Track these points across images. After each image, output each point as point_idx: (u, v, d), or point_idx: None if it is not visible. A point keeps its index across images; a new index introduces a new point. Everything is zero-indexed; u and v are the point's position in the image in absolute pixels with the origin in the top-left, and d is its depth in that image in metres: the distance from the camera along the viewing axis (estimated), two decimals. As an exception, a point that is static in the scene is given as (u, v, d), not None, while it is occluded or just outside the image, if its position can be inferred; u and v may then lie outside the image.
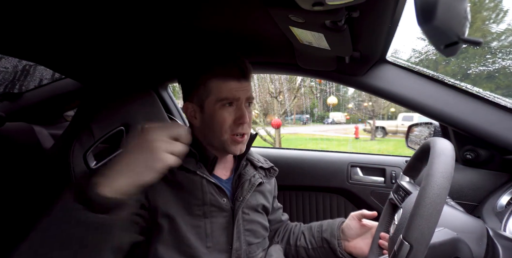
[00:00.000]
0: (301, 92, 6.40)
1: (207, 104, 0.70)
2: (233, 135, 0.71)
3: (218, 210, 0.71)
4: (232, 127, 0.70)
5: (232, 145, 0.72)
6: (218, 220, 0.71)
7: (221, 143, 0.72)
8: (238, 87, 0.69)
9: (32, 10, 0.61)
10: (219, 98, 0.69)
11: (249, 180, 0.79)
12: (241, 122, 0.70)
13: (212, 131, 0.71)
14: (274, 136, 5.96)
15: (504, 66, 6.61)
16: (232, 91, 0.69)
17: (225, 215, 0.72)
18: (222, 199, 0.72)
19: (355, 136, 11.07)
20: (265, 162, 0.87)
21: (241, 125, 0.70)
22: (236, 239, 0.72)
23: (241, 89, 0.70)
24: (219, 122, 0.70)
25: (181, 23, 0.69)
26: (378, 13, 0.53)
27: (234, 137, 0.71)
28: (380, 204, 1.20)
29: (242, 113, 0.70)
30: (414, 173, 0.72)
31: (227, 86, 0.69)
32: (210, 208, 0.70)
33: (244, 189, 0.77)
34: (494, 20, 7.23)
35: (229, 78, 0.69)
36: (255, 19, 0.65)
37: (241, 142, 0.73)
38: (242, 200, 0.75)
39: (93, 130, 0.91)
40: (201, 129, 0.74)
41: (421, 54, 7.18)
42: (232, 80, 0.69)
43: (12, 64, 1.39)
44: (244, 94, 0.71)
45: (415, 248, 0.40)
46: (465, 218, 0.56)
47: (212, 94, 0.69)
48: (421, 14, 0.33)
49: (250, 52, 0.91)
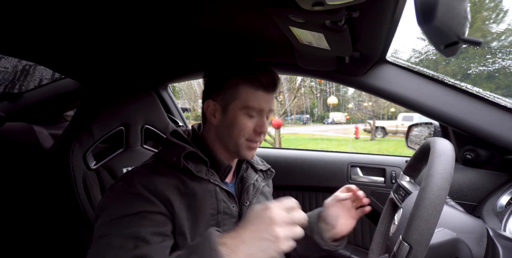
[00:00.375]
0: (301, 92, 6.40)
1: (232, 107, 0.70)
2: (249, 141, 0.71)
3: (229, 217, 0.71)
4: (251, 134, 0.71)
5: (246, 149, 0.72)
6: (228, 228, 0.70)
7: (236, 146, 0.71)
8: (265, 99, 0.70)
9: (32, 10, 0.61)
10: (245, 105, 0.69)
11: (253, 184, 0.79)
12: (260, 131, 0.71)
13: (229, 133, 0.71)
14: (274, 136, 5.96)
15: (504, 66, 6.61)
16: (260, 101, 0.69)
17: (234, 222, 0.72)
18: (232, 206, 0.71)
19: (355, 136, 11.07)
20: (262, 164, 0.87)
21: (259, 134, 0.71)
22: None
23: (267, 100, 0.71)
24: (239, 127, 0.70)
25: (181, 23, 0.69)
26: (378, 13, 0.53)
27: (249, 143, 0.71)
28: (380, 204, 1.19)
29: (263, 124, 0.71)
30: (414, 173, 0.72)
31: (256, 96, 0.69)
32: (223, 216, 0.69)
33: (250, 194, 0.77)
34: (494, 20, 7.23)
35: (260, 88, 0.69)
36: (255, 19, 0.64)
37: (255, 148, 0.74)
38: (249, 205, 0.75)
39: (92, 130, 0.91)
40: (218, 128, 0.73)
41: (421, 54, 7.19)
42: (262, 90, 0.69)
43: (12, 64, 1.39)
44: (268, 106, 0.71)
45: (415, 249, 0.40)
46: (465, 218, 0.56)
47: (239, 99, 0.69)
48: (421, 14, 0.33)
49: (250, 52, 0.91)
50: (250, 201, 0.76)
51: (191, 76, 1.27)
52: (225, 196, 0.70)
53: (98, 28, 0.72)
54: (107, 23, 0.69)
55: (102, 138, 0.94)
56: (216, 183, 0.69)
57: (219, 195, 0.69)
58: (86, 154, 0.90)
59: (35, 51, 0.89)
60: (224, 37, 0.78)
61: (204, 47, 0.87)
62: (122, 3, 0.58)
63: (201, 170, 0.68)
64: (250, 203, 0.75)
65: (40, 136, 1.18)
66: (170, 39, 0.82)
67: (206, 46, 0.86)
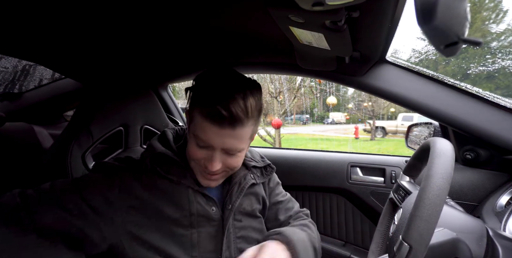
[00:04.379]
0: (301, 92, 6.40)
1: (190, 127, 0.63)
2: (203, 170, 0.64)
3: (206, 220, 0.67)
4: (201, 165, 0.63)
5: (200, 177, 0.65)
6: (207, 230, 0.67)
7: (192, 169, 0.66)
8: (217, 133, 0.57)
9: (32, 10, 0.61)
10: (194, 133, 0.60)
11: (238, 184, 0.72)
12: (207, 166, 0.61)
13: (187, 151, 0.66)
14: (274, 136, 5.96)
15: (504, 66, 6.62)
16: (208, 134, 0.57)
17: (214, 224, 0.68)
18: (211, 209, 0.67)
19: (355, 136, 11.07)
20: (261, 160, 0.81)
21: (206, 169, 0.62)
22: (226, 248, 0.68)
23: (220, 136, 0.57)
24: (189, 153, 0.63)
25: (181, 23, 0.69)
26: (378, 13, 0.53)
27: (204, 172, 0.64)
28: (380, 204, 1.19)
29: (211, 162, 0.60)
30: (414, 173, 0.72)
31: (203, 127, 0.57)
32: (198, 218, 0.65)
33: (233, 195, 0.71)
34: (494, 20, 7.23)
35: (206, 118, 0.56)
36: (255, 19, 0.64)
37: (211, 179, 0.65)
38: (231, 208, 0.70)
39: (91, 130, 0.91)
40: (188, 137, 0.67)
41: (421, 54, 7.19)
42: (212, 123, 0.56)
43: (12, 64, 1.39)
44: (219, 143, 0.58)
45: (415, 249, 0.40)
46: (465, 218, 0.56)
47: (192, 123, 0.61)
48: (421, 14, 0.33)
49: (250, 52, 0.91)
50: (233, 203, 0.70)
51: (191, 76, 1.27)
52: (200, 198, 0.66)
53: (98, 29, 0.72)
54: (107, 23, 0.69)
55: (101, 139, 0.93)
56: (189, 185, 0.66)
57: (192, 197, 0.65)
58: (85, 154, 0.90)
59: (35, 51, 0.89)
60: (224, 37, 0.78)
61: (204, 47, 0.87)
62: (122, 3, 0.58)
63: (171, 172, 0.65)
64: (232, 205, 0.69)
65: (40, 136, 1.18)
66: (170, 39, 0.82)
67: (206, 46, 0.86)
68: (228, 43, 0.83)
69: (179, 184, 0.66)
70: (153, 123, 1.09)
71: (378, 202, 1.20)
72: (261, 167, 0.80)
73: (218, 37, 0.78)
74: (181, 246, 0.64)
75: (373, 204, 1.21)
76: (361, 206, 1.25)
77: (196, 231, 0.66)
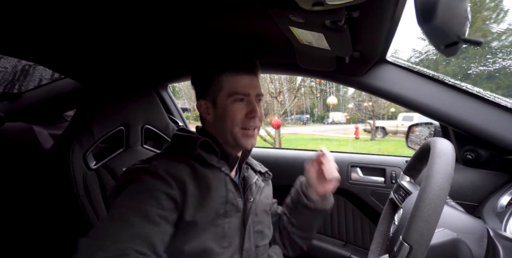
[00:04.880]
0: (301, 92, 6.39)
1: (219, 99, 0.72)
2: (244, 129, 0.73)
3: (235, 209, 0.72)
4: (244, 120, 0.72)
5: (243, 138, 0.73)
6: (234, 220, 0.72)
7: (233, 136, 0.73)
8: (248, 83, 0.72)
9: (32, 10, 0.61)
10: (230, 93, 0.71)
11: (255, 183, 0.81)
12: (252, 116, 0.72)
13: (224, 125, 0.73)
14: (274, 136, 5.96)
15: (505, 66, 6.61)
16: (243, 85, 0.71)
17: (239, 216, 0.73)
18: (238, 199, 0.73)
19: (355, 136, 11.06)
20: (260, 167, 0.89)
21: (252, 119, 0.72)
22: (247, 239, 0.73)
23: (251, 85, 0.72)
24: (230, 116, 0.71)
25: (181, 23, 0.69)
26: (378, 13, 0.53)
27: (245, 131, 0.73)
28: (380, 204, 1.19)
29: (253, 107, 0.72)
30: (414, 173, 0.72)
31: (238, 81, 0.71)
32: (230, 207, 0.71)
33: (253, 191, 0.79)
34: (495, 20, 7.22)
35: (239, 74, 0.71)
36: (255, 19, 0.64)
37: (252, 136, 0.74)
38: (253, 201, 0.77)
39: (92, 130, 0.91)
40: (214, 124, 0.75)
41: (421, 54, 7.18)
42: (242, 75, 0.72)
43: (12, 64, 1.39)
44: (254, 90, 0.73)
45: (415, 249, 0.40)
46: (466, 218, 0.56)
47: (224, 89, 0.72)
48: (421, 14, 0.33)
49: (251, 52, 0.91)
50: (254, 197, 0.78)
51: (191, 76, 1.27)
52: (233, 188, 0.73)
53: (98, 29, 0.72)
54: (107, 24, 0.69)
55: (102, 138, 0.93)
56: (227, 172, 0.72)
57: (229, 185, 0.72)
58: (86, 154, 0.90)
59: (35, 51, 0.89)
60: (224, 37, 0.78)
61: (204, 47, 0.87)
62: (122, 3, 0.58)
63: (213, 159, 0.71)
64: (254, 199, 0.77)
65: (40, 136, 1.18)
66: (170, 39, 0.82)
67: (206, 46, 0.86)
68: (228, 43, 0.83)
69: (220, 172, 0.71)
70: (154, 123, 1.09)
71: (378, 202, 1.20)
72: (262, 173, 0.88)
73: (218, 37, 0.78)
74: (215, 236, 0.67)
75: (373, 204, 1.21)
76: (361, 206, 1.25)
77: (228, 221, 0.70)
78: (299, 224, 0.86)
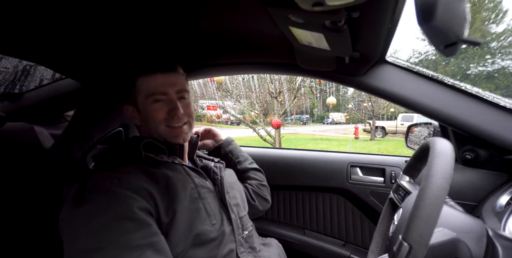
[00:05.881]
0: (301, 92, 6.39)
1: (140, 102, 0.72)
2: (170, 127, 0.73)
3: (208, 191, 0.75)
4: (167, 119, 0.72)
5: (171, 135, 0.73)
6: (212, 201, 0.74)
7: (161, 135, 0.73)
8: (164, 82, 0.71)
9: (32, 10, 0.61)
10: (147, 94, 0.71)
11: (215, 166, 0.86)
12: (174, 114, 0.71)
13: (150, 126, 0.73)
14: (274, 136, 5.96)
15: (504, 66, 6.62)
16: (158, 85, 0.71)
17: (214, 196, 0.76)
18: (206, 181, 0.77)
19: (354, 136, 11.07)
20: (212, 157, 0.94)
21: (175, 116, 0.71)
22: (231, 212, 0.78)
23: (168, 83, 0.71)
24: (152, 117, 0.71)
25: (181, 23, 0.69)
26: (378, 13, 0.53)
27: (171, 129, 0.73)
28: (379, 204, 1.20)
29: (174, 105, 0.71)
30: (414, 173, 0.72)
31: (153, 81, 0.71)
32: (201, 189, 0.73)
33: (217, 171, 0.84)
34: (494, 20, 7.23)
35: (154, 74, 0.71)
36: (255, 19, 0.65)
37: (180, 132, 0.74)
38: (221, 179, 0.82)
39: (92, 130, 0.91)
40: (143, 127, 0.77)
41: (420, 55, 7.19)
42: (157, 75, 0.71)
43: (13, 64, 1.39)
44: (172, 88, 0.72)
45: (415, 249, 0.40)
46: (465, 218, 0.56)
47: (142, 91, 0.71)
48: (421, 14, 0.34)
49: (250, 52, 0.91)
50: (220, 175, 0.83)
51: (191, 77, 1.27)
52: (195, 174, 0.75)
53: (98, 29, 0.72)
54: (107, 24, 0.69)
55: (101, 139, 0.94)
56: (181, 163, 0.74)
57: (190, 173, 0.74)
58: (86, 154, 0.90)
59: (36, 51, 0.89)
60: (224, 37, 0.78)
61: (204, 47, 0.87)
62: (122, 4, 0.58)
63: (163, 157, 0.72)
64: (221, 177, 0.82)
65: (40, 136, 1.18)
66: (170, 40, 0.82)
67: (206, 47, 0.86)
68: (228, 43, 0.83)
69: (174, 164, 0.72)
70: None
71: (378, 202, 1.20)
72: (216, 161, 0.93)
73: (218, 37, 0.78)
74: (200, 218, 0.68)
75: (373, 204, 1.21)
76: (361, 206, 1.25)
77: (206, 202, 0.72)
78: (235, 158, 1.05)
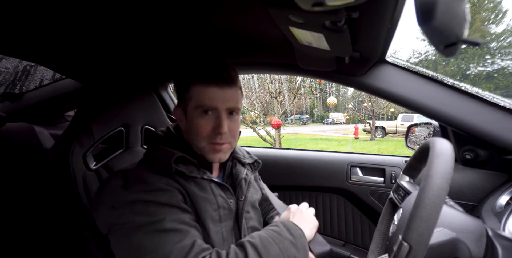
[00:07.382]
0: (301, 92, 6.39)
1: (189, 109, 0.69)
2: (212, 144, 0.69)
3: (228, 212, 0.72)
4: (210, 135, 0.68)
5: (210, 153, 0.70)
6: (229, 223, 0.72)
7: (200, 150, 0.70)
8: (217, 96, 0.66)
9: (32, 10, 0.61)
10: (197, 105, 0.67)
11: (244, 179, 0.80)
12: (217, 132, 0.67)
13: (192, 137, 0.70)
14: (274, 136, 5.96)
15: (503, 66, 6.63)
16: (210, 99, 0.66)
17: (232, 217, 0.73)
18: (229, 201, 0.73)
19: (354, 136, 11.08)
20: (249, 156, 0.87)
21: (219, 134, 0.67)
22: (244, 235, 0.74)
23: (220, 98, 0.66)
24: (196, 129, 0.68)
25: (181, 23, 0.69)
26: (378, 13, 0.54)
27: (212, 146, 0.69)
28: (379, 204, 1.20)
29: (220, 123, 0.67)
30: (413, 173, 0.72)
31: (206, 93, 0.66)
32: (223, 211, 0.70)
33: (243, 189, 0.78)
34: (493, 21, 7.24)
35: (209, 85, 0.66)
36: (255, 19, 0.65)
37: (220, 150, 0.70)
38: (245, 199, 0.77)
39: (92, 130, 0.91)
40: (186, 133, 0.73)
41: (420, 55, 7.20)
42: (211, 87, 0.66)
43: (13, 64, 1.39)
44: (224, 104, 0.67)
45: (414, 248, 0.41)
46: (464, 218, 0.56)
47: (193, 100, 0.68)
48: (421, 14, 0.34)
49: (250, 52, 0.91)
50: (245, 195, 0.77)
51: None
52: (221, 192, 0.72)
53: (98, 29, 0.72)
54: (107, 24, 0.69)
55: (102, 139, 0.94)
56: (210, 178, 0.71)
57: (215, 191, 0.71)
58: (86, 154, 0.90)
59: (36, 52, 0.89)
60: (224, 37, 0.79)
61: (204, 47, 0.87)
62: (122, 3, 0.58)
63: (193, 171, 0.69)
64: (245, 197, 0.77)
65: (41, 136, 1.18)
66: (170, 40, 0.82)
67: (206, 47, 0.86)
68: (228, 43, 0.83)
69: (202, 180, 0.70)
70: (154, 123, 1.09)
71: (378, 202, 1.20)
72: (251, 163, 0.86)
73: (218, 37, 0.78)
74: (219, 244, 0.67)
75: (372, 204, 1.21)
76: (361, 206, 1.26)
77: (224, 226, 0.70)
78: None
